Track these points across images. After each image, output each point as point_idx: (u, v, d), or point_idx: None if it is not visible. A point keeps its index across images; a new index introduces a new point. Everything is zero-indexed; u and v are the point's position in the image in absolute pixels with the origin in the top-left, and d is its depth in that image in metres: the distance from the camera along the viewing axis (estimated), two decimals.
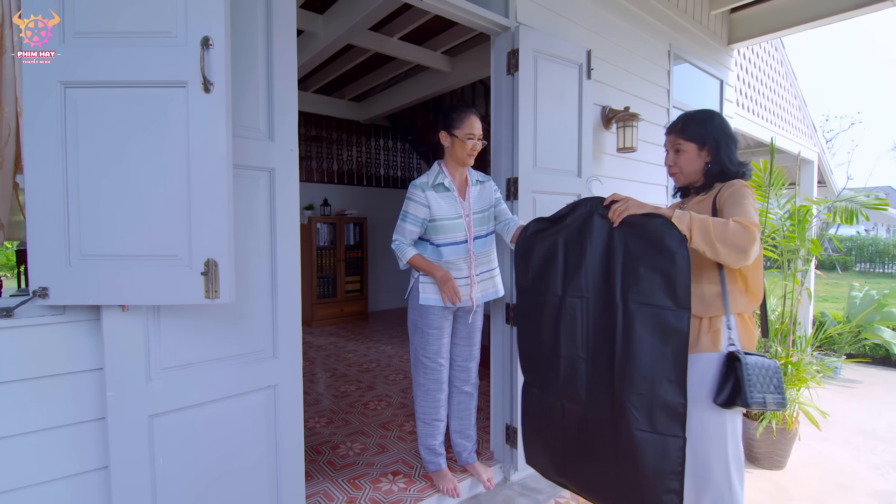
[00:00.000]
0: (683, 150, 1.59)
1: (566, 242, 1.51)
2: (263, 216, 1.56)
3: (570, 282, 1.48)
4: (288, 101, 1.58)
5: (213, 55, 1.19)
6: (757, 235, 1.29)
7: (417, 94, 5.55)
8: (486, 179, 2.25)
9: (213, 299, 1.23)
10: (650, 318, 1.30)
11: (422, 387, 2.22)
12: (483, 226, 2.17)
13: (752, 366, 1.38)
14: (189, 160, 1.21)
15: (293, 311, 1.63)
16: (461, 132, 2.09)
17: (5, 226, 1.33)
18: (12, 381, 1.25)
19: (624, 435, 1.35)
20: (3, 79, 1.26)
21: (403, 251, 2.12)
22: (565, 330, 1.48)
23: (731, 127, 1.59)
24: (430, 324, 2.14)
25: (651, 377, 1.29)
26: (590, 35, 2.84)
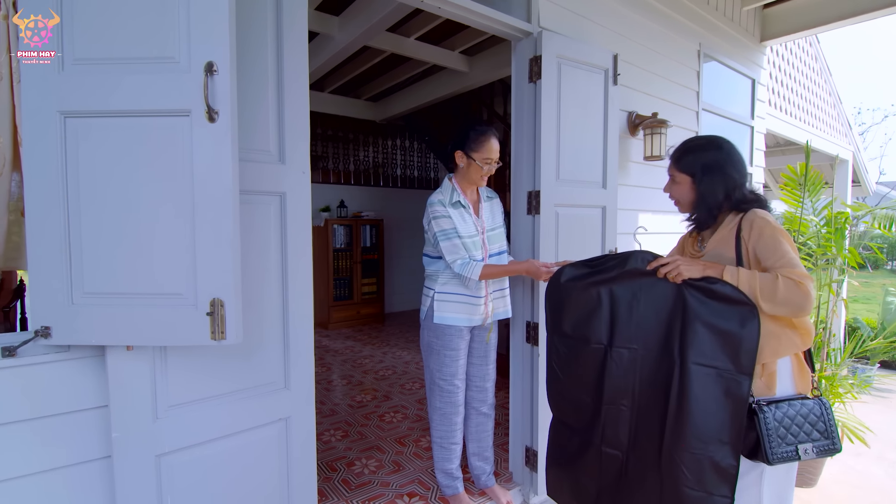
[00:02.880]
0: (678, 182, 1.51)
1: (613, 293, 1.44)
2: (274, 243, 1.49)
3: (618, 332, 1.42)
4: (299, 121, 1.51)
5: (218, 82, 1.11)
6: (810, 289, 1.20)
7: (434, 94, 5.44)
8: (495, 196, 2.22)
9: (220, 341, 1.16)
10: (709, 379, 1.26)
11: (438, 410, 2.14)
12: (496, 243, 2.10)
13: (781, 417, 1.26)
14: (194, 194, 1.14)
15: (306, 341, 1.56)
16: (479, 155, 2.02)
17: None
18: (16, 421, 1.21)
19: (669, 490, 1.30)
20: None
21: (471, 268, 1.95)
22: (610, 377, 1.41)
23: (734, 156, 1.44)
24: (446, 345, 2.06)
25: (705, 438, 1.25)
26: (616, 38, 2.70)
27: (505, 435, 2.77)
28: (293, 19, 1.49)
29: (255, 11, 1.42)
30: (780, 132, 4.58)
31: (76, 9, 1.13)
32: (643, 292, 1.39)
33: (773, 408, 1.27)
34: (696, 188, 1.46)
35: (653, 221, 2.98)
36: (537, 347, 2.26)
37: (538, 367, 2.27)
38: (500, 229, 2.13)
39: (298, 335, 1.54)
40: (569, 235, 2.34)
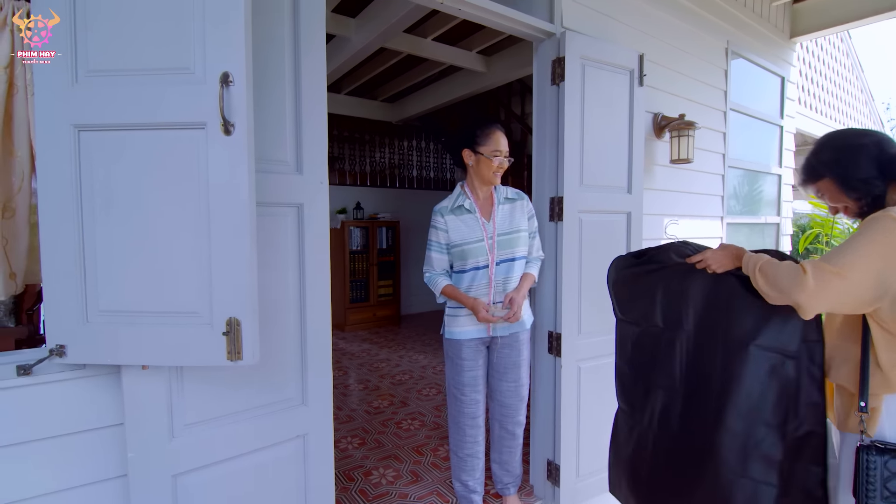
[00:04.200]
0: (823, 192, 1.31)
1: (663, 279, 1.43)
2: (291, 255, 1.45)
3: (669, 317, 1.41)
4: (317, 130, 1.46)
5: (234, 93, 1.07)
6: (811, 279, 1.05)
7: (451, 94, 5.38)
8: (519, 197, 2.07)
9: (236, 361, 1.12)
10: (753, 359, 1.22)
11: (453, 418, 2.11)
12: (510, 248, 1.97)
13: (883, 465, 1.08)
14: (209, 210, 1.10)
15: (323, 356, 1.52)
16: (487, 149, 1.95)
17: (17, 274, 1.26)
18: (33, 440, 1.19)
19: (715, 476, 1.25)
20: (15, 121, 1.18)
21: (434, 282, 2.03)
22: (658, 360, 1.42)
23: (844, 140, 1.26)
24: (458, 355, 2.03)
25: (750, 420, 1.22)
26: (641, 37, 2.61)
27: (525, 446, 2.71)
28: (311, 28, 1.44)
29: (271, 20, 1.38)
30: (810, 131, 4.42)
31: (90, 20, 1.10)
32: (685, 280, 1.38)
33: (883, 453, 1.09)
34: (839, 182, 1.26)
35: (678, 226, 2.87)
36: (560, 358, 2.19)
37: (560, 379, 2.20)
38: (519, 234, 1.99)
39: (316, 350, 1.50)
40: (592, 243, 2.26)
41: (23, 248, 1.26)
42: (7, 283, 1.21)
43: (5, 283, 1.20)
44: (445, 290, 1.99)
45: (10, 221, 1.22)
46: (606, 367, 2.35)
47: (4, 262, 1.20)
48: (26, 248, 1.29)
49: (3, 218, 1.19)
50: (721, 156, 3.19)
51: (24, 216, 1.25)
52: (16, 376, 1.16)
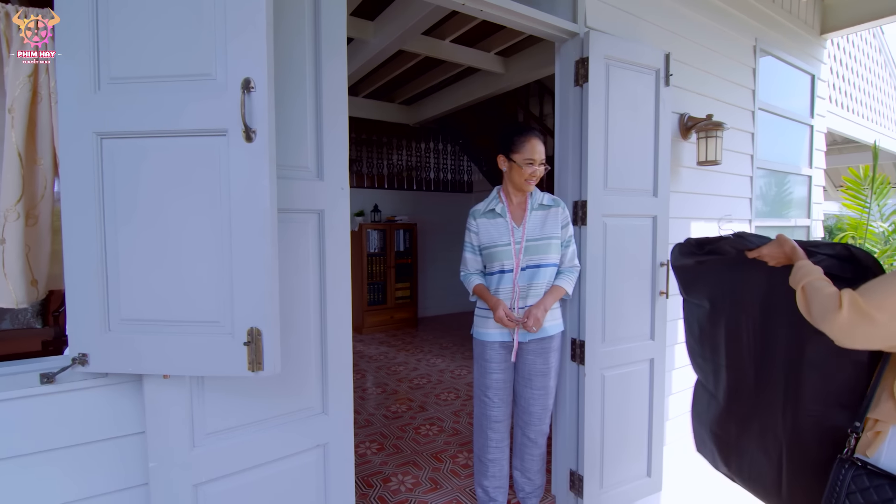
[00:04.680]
0: None
1: (725, 267, 1.46)
2: (312, 262, 1.43)
3: (733, 300, 1.44)
4: (338, 136, 1.44)
5: (255, 99, 1.05)
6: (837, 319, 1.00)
7: (469, 96, 5.35)
8: (555, 204, 2.02)
9: (257, 372, 1.10)
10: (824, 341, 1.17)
11: (477, 420, 2.12)
12: (538, 255, 1.94)
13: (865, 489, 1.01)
14: (230, 218, 1.08)
15: (344, 364, 1.50)
16: (520, 157, 1.92)
17: (39, 281, 1.26)
18: (55, 448, 1.18)
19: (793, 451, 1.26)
20: (39, 129, 1.18)
21: (468, 281, 2.07)
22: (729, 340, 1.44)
23: None
24: (483, 356, 2.04)
25: (825, 401, 1.20)
26: (667, 36, 2.54)
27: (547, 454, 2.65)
28: (331, 32, 1.42)
29: (292, 24, 1.37)
30: (841, 131, 4.27)
31: (112, 27, 1.09)
32: (746, 269, 1.38)
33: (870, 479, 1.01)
34: None
35: (706, 230, 2.79)
36: (583, 366, 2.14)
37: (584, 387, 2.14)
38: (549, 241, 1.96)
39: (336, 358, 1.48)
40: (617, 247, 2.20)
41: (45, 255, 1.26)
42: (29, 291, 1.22)
43: (27, 291, 1.20)
44: (476, 288, 2.02)
45: (34, 228, 1.22)
46: (631, 376, 2.29)
47: (27, 269, 1.20)
48: (48, 254, 1.29)
49: (26, 225, 1.19)
50: (749, 157, 3.09)
51: (46, 223, 1.25)
52: (39, 384, 1.16)
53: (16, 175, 1.14)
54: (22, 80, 1.13)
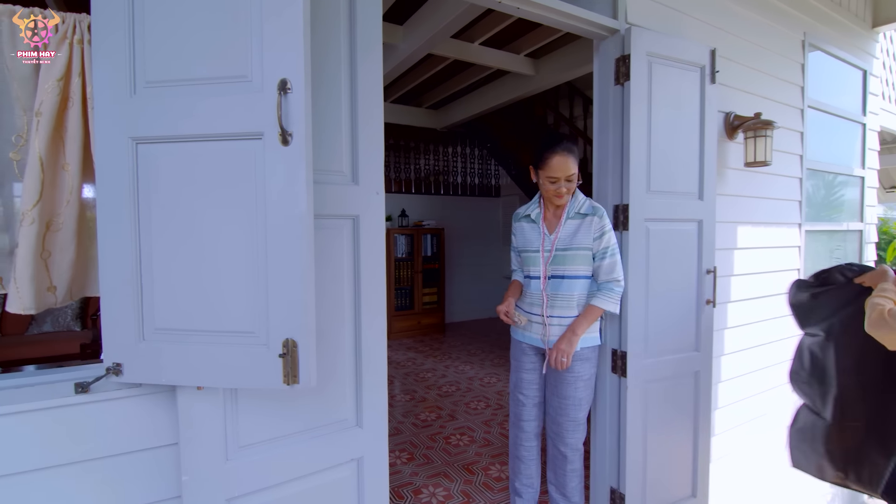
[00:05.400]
0: None
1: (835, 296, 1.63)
2: (346, 270, 1.38)
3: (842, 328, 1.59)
4: (373, 139, 1.39)
5: (292, 101, 1.01)
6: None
7: (498, 99, 5.28)
8: (593, 212, 1.89)
9: (292, 385, 1.05)
10: None
11: (510, 415, 2.15)
12: (566, 265, 1.86)
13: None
14: (266, 224, 1.04)
15: (379, 375, 1.44)
16: (543, 173, 1.87)
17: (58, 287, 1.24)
18: (90, 459, 1.16)
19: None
20: (68, 134, 1.17)
21: (513, 277, 2.13)
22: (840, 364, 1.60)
23: None
24: (514, 354, 2.09)
25: None
26: (711, 32, 2.42)
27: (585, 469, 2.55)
28: (367, 33, 1.38)
29: (327, 25, 1.33)
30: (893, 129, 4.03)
31: (147, 31, 1.07)
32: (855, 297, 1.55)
33: None
34: None
35: (754, 235, 2.64)
36: (625, 379, 2.03)
37: (626, 400, 2.03)
38: (577, 252, 1.86)
39: (371, 369, 1.42)
40: (660, 253, 2.09)
41: (68, 261, 1.23)
42: (44, 296, 1.19)
43: (40, 296, 1.17)
44: (511, 284, 2.07)
45: (57, 234, 1.20)
46: (675, 389, 2.17)
47: (44, 274, 1.17)
48: (71, 260, 1.26)
49: (47, 230, 1.17)
50: (798, 157, 2.93)
51: (71, 229, 1.22)
52: (74, 394, 1.14)
53: (35, 179, 1.12)
54: (51, 84, 1.11)
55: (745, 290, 2.62)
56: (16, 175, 1.19)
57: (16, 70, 1.13)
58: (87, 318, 4.46)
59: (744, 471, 2.73)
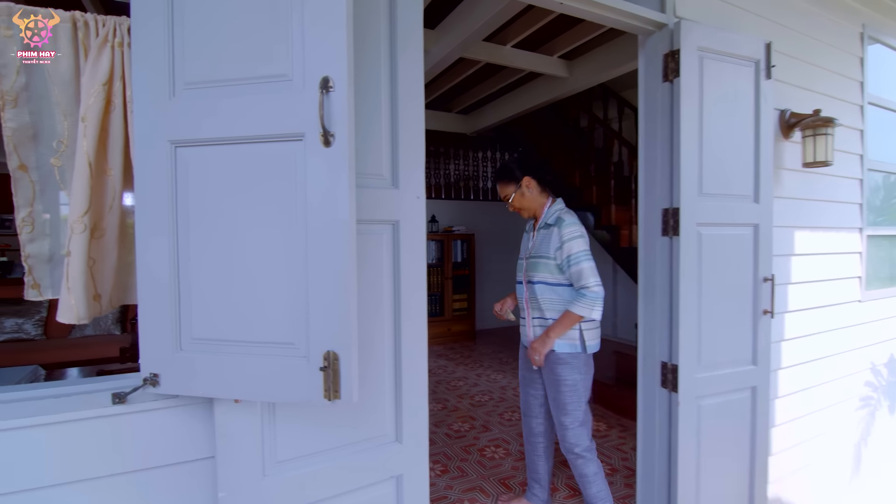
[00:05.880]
0: None
1: None
2: (386, 278, 1.32)
3: None
4: (414, 139, 1.33)
5: (334, 99, 0.96)
6: None
7: (529, 102, 5.18)
8: (556, 223, 1.96)
9: (334, 400, 0.99)
10: None
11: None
12: (536, 272, 1.99)
13: None
14: (307, 229, 0.99)
15: (419, 388, 1.37)
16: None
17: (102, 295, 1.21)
18: (126, 472, 1.13)
19: None
20: (111, 139, 1.15)
21: None
22: None
23: None
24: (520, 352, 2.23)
25: None
26: (765, 25, 2.28)
27: (628, 487, 2.42)
28: (408, 29, 1.32)
29: (366, 21, 1.28)
30: None
31: (187, 31, 1.04)
32: None
33: None
34: None
35: (812, 240, 2.47)
36: (676, 394, 1.90)
37: (677, 417, 1.90)
38: (539, 260, 1.98)
39: (411, 382, 1.35)
40: (714, 260, 1.96)
41: (110, 269, 1.21)
42: (91, 305, 1.16)
43: (89, 306, 1.15)
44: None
45: (100, 241, 1.18)
46: (730, 405, 2.03)
47: (90, 283, 1.15)
48: (114, 268, 1.24)
49: (92, 237, 1.15)
50: (858, 157, 2.73)
51: (113, 235, 1.20)
52: (111, 404, 1.11)
53: (85, 186, 1.10)
54: (97, 89, 1.10)
55: (804, 299, 2.45)
56: (57, 181, 1.18)
57: (56, 74, 1.12)
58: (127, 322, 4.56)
59: (802, 493, 2.54)
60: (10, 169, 1.14)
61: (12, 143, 1.12)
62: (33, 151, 1.15)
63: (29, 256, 1.16)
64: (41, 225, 1.18)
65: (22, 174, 1.14)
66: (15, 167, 1.14)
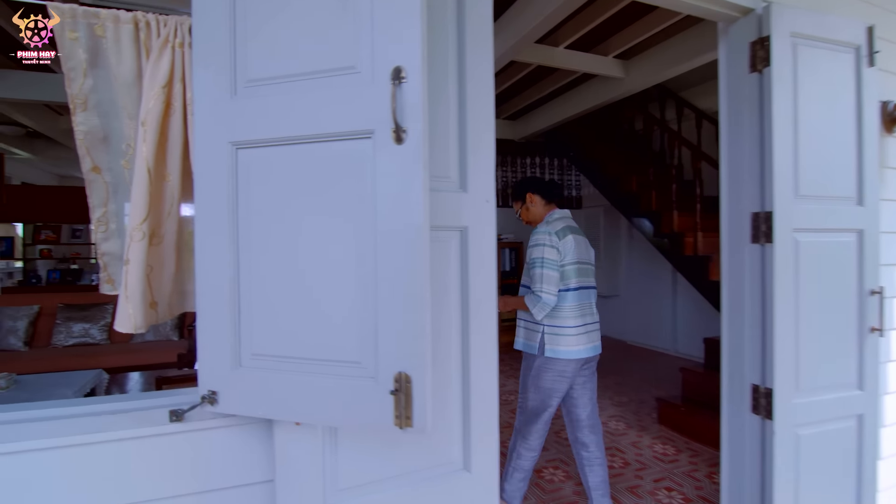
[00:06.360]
0: None
1: None
2: (453, 289, 1.21)
3: None
4: (484, 137, 1.22)
5: (407, 91, 0.86)
6: None
7: (582, 105, 5.00)
8: (532, 233, 2.24)
9: (405, 428, 0.88)
10: None
11: None
12: (524, 277, 2.27)
13: None
14: (376, 236, 0.89)
15: (489, 410, 1.25)
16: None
17: (159, 303, 1.17)
18: (182, 495, 1.06)
19: None
20: (170, 143, 1.10)
21: None
22: None
23: None
24: None
25: None
26: (863, 7, 2.04)
27: None
28: (477, 17, 1.22)
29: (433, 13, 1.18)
30: None
31: (249, 25, 0.98)
32: None
33: None
34: None
35: None
36: (770, 422, 1.68)
37: (773, 448, 1.68)
38: (526, 267, 2.24)
39: (481, 404, 1.23)
40: (812, 270, 1.73)
41: (168, 276, 1.18)
42: (148, 314, 1.12)
43: (146, 314, 1.11)
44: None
45: (158, 248, 1.15)
46: (831, 436, 1.78)
47: (147, 291, 1.11)
48: (172, 275, 1.20)
49: (151, 244, 1.11)
50: None
51: (171, 242, 1.17)
52: (168, 422, 1.05)
53: (143, 192, 1.07)
54: (156, 92, 1.05)
55: None
56: (126, 183, 1.17)
57: (119, 77, 1.09)
58: (185, 329, 4.70)
59: None
60: (83, 171, 1.17)
61: (85, 147, 1.14)
62: (105, 153, 1.16)
63: (104, 254, 1.19)
64: (114, 224, 1.20)
65: (95, 176, 1.17)
66: (88, 169, 1.16)
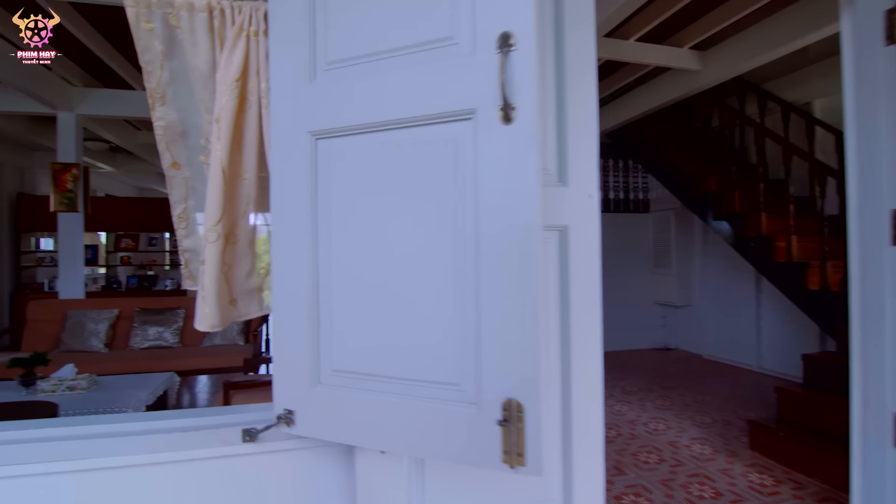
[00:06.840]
0: None
1: None
2: (552, 299, 1.05)
3: None
4: (587, 124, 1.06)
5: (517, 62, 0.72)
6: None
7: (653, 102, 4.69)
8: None
9: (517, 468, 0.73)
10: None
11: None
12: None
13: None
14: (477, 235, 0.75)
15: (594, 439, 1.08)
16: None
17: (238, 300, 1.10)
18: None
19: None
20: (245, 140, 1.03)
21: None
22: None
23: None
24: None
25: None
26: None
27: None
28: None
29: None
30: None
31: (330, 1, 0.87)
32: None
33: None
34: None
35: None
36: None
37: None
38: None
39: (584, 432, 1.06)
40: None
41: (244, 274, 1.14)
42: (227, 311, 1.08)
43: (225, 312, 1.06)
44: None
45: (234, 247, 1.10)
46: None
47: (224, 288, 1.06)
48: (247, 273, 1.15)
49: (227, 244, 1.05)
50: None
51: (246, 241, 1.12)
52: (241, 442, 0.96)
53: (218, 193, 1.01)
54: (230, 85, 0.98)
55: None
56: (205, 179, 1.12)
57: (195, 70, 1.02)
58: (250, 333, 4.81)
59: None
60: (163, 167, 1.14)
61: (164, 142, 1.11)
62: (184, 148, 1.13)
63: (185, 250, 1.18)
64: (194, 221, 1.17)
65: (175, 172, 1.14)
66: (168, 165, 1.13)
